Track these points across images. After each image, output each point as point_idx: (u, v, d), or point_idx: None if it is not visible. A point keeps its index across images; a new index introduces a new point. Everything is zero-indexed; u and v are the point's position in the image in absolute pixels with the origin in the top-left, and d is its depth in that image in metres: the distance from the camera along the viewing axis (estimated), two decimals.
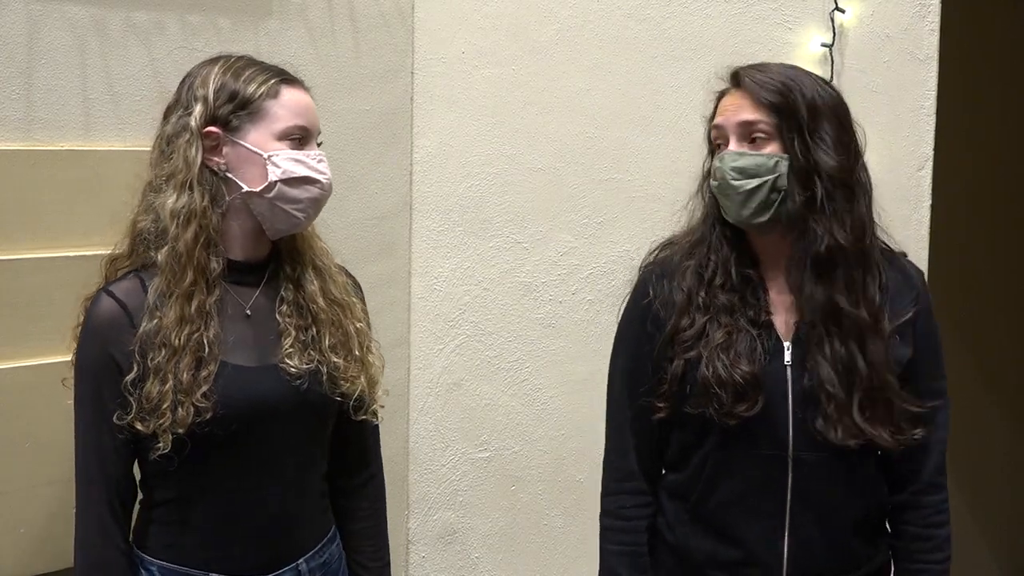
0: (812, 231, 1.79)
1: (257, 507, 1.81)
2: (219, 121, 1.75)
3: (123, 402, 1.70)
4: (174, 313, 1.71)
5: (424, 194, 2.74)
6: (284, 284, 1.86)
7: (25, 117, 2.09)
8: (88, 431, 1.75)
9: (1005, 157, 4.17)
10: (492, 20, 2.70)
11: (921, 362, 1.85)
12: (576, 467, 2.82)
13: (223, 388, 1.73)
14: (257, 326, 1.82)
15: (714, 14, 2.70)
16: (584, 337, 2.78)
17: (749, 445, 1.83)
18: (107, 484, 1.75)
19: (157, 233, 1.75)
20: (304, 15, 2.48)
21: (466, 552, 2.84)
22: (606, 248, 2.76)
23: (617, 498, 2.00)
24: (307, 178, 1.78)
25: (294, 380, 1.80)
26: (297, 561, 1.85)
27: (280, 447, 1.82)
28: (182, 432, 1.69)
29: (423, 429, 2.79)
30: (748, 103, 1.81)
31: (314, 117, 1.82)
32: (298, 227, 1.83)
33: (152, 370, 1.69)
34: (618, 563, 1.97)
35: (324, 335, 1.86)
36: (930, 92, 2.69)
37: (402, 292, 2.75)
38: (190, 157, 1.74)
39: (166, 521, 1.79)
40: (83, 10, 2.15)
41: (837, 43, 2.66)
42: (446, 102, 2.72)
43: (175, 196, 1.73)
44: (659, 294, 1.91)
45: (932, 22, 2.69)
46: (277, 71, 1.81)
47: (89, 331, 1.74)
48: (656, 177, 2.74)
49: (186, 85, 1.80)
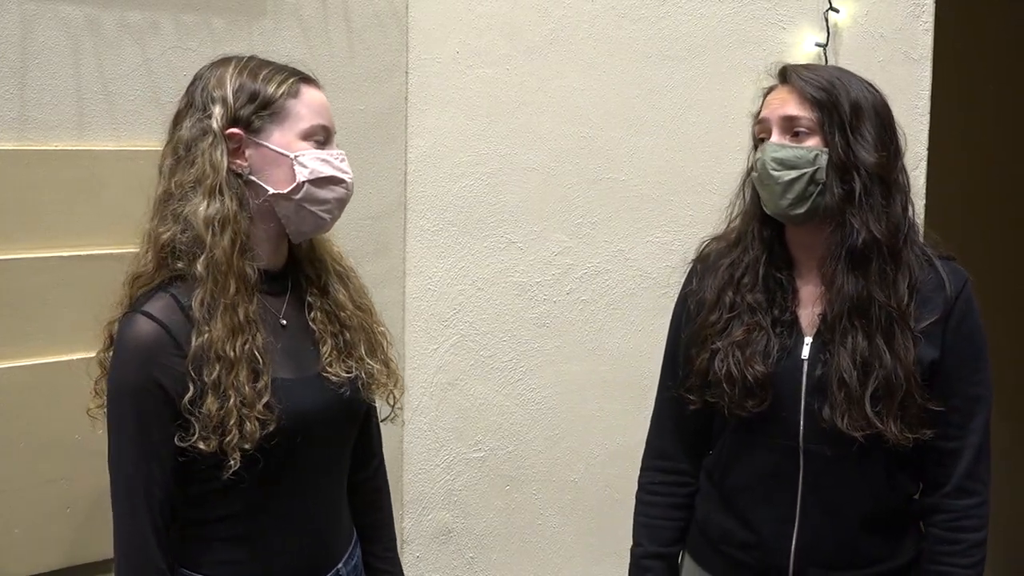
0: (849, 224, 1.82)
1: (303, 517, 1.79)
2: (241, 122, 1.70)
3: (183, 423, 1.63)
4: (223, 324, 1.64)
5: (418, 194, 2.74)
6: (309, 290, 1.84)
7: (19, 117, 2.09)
8: (131, 458, 1.66)
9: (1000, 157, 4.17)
10: (486, 20, 2.70)
11: (951, 366, 1.85)
12: (570, 467, 2.82)
13: (280, 400, 1.68)
14: (293, 336, 1.79)
15: (708, 14, 2.70)
16: (578, 337, 2.79)
17: (763, 435, 1.89)
18: (151, 511, 1.66)
19: (189, 243, 1.67)
20: (298, 15, 2.48)
21: (461, 552, 2.84)
22: (600, 248, 2.76)
23: (649, 474, 2.10)
24: (333, 178, 1.74)
25: (338, 389, 1.79)
26: (337, 566, 1.85)
27: (324, 456, 1.81)
28: (249, 448, 1.63)
29: (417, 429, 2.79)
30: (794, 99, 1.85)
31: (331, 116, 1.79)
32: (323, 228, 1.79)
33: (211, 386, 1.63)
34: (641, 534, 2.08)
35: (359, 342, 1.85)
36: (924, 92, 2.69)
37: (396, 292, 2.75)
38: (216, 160, 1.68)
39: (215, 538, 1.74)
40: (77, 9, 2.15)
41: (831, 43, 2.66)
42: (440, 102, 2.72)
43: (206, 203, 1.66)
44: (697, 289, 1.98)
45: (926, 22, 2.69)
46: (292, 70, 1.77)
47: (129, 356, 1.65)
48: (650, 177, 2.74)
49: (198, 87, 1.74)
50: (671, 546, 2.06)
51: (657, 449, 2.08)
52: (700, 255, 2.04)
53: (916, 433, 1.80)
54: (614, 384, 2.80)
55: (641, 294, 2.77)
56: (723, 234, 2.02)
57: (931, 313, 1.84)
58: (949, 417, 1.84)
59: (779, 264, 1.92)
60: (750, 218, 1.95)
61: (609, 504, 2.83)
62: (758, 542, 1.92)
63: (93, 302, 1.79)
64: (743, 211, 1.97)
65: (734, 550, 1.95)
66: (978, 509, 1.88)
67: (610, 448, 2.81)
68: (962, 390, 1.86)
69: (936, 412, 1.82)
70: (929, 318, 1.84)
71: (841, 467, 1.85)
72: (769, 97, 1.91)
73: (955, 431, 1.85)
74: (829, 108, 1.82)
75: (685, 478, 2.06)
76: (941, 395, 1.84)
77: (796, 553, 1.89)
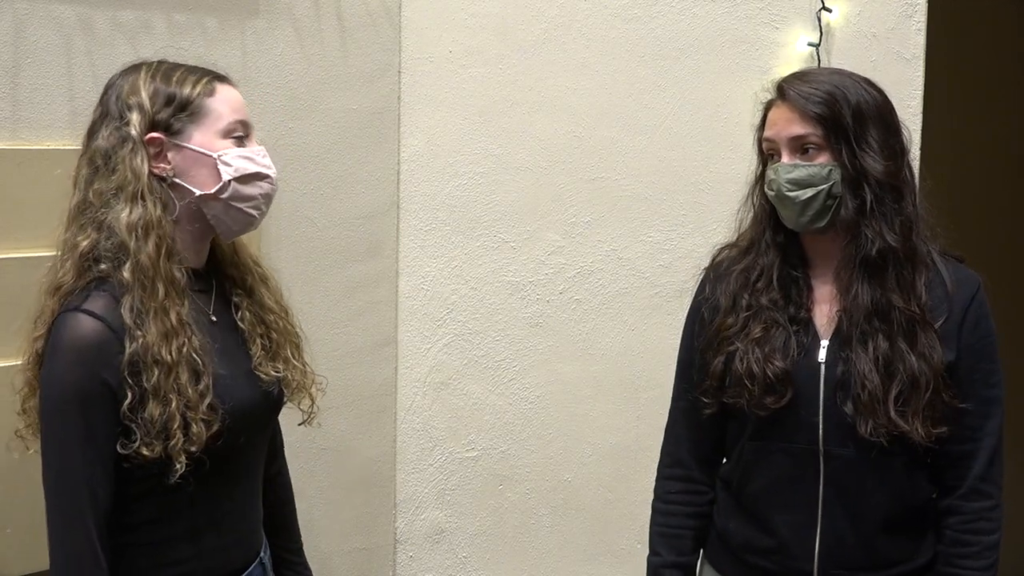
0: (863, 235, 1.83)
1: (236, 513, 1.81)
2: (160, 126, 1.70)
3: (124, 430, 1.62)
4: (156, 329, 1.62)
5: (411, 193, 2.74)
6: (233, 290, 1.85)
7: (11, 116, 2.09)
8: (78, 467, 1.61)
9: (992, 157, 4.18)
10: (479, 19, 2.70)
11: (967, 368, 1.86)
12: (563, 466, 2.82)
13: (222, 399, 1.69)
14: (223, 333, 1.79)
15: (701, 14, 2.70)
16: (571, 336, 2.79)
17: (782, 438, 1.89)
18: (97, 518, 1.62)
19: (112, 250, 1.66)
20: (291, 14, 2.48)
21: (454, 551, 2.84)
22: (593, 247, 2.77)
23: (664, 483, 2.09)
24: (258, 174, 1.75)
25: (268, 387, 1.82)
26: (260, 555, 1.89)
27: (254, 453, 1.84)
28: (195, 450, 1.63)
29: (410, 428, 2.79)
30: (796, 116, 1.85)
31: (248, 112, 1.78)
32: (252, 225, 1.80)
33: (151, 392, 1.61)
34: (658, 543, 2.07)
35: (284, 343, 1.88)
36: (916, 91, 2.70)
37: (389, 291, 2.75)
38: (137, 167, 1.67)
39: (149, 542, 1.72)
40: (69, 9, 2.15)
41: (824, 42, 2.66)
42: (433, 101, 2.72)
43: (128, 209, 1.66)
44: (710, 296, 1.98)
45: (919, 21, 2.70)
46: (205, 70, 1.77)
47: (74, 357, 1.61)
48: (643, 177, 2.74)
49: (112, 96, 1.73)
50: (689, 555, 2.06)
51: (672, 458, 2.08)
52: (712, 263, 2.04)
53: (939, 430, 1.81)
54: (607, 384, 2.80)
55: (634, 294, 2.77)
56: (734, 241, 2.02)
57: (937, 315, 1.85)
58: (964, 420, 1.84)
59: (794, 263, 1.93)
60: (763, 225, 1.95)
61: (602, 504, 2.83)
62: (780, 547, 1.91)
63: None
64: (754, 219, 1.98)
65: (755, 557, 1.95)
66: (992, 511, 1.89)
67: (603, 448, 2.81)
68: (977, 393, 1.86)
69: (957, 410, 1.83)
70: (938, 320, 1.85)
71: (862, 469, 1.85)
72: (771, 116, 1.90)
73: (970, 433, 1.86)
74: (833, 122, 1.82)
75: (701, 487, 2.05)
76: (960, 396, 1.85)
77: (820, 557, 1.89)
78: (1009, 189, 4.25)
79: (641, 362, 2.79)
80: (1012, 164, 4.25)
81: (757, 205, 1.97)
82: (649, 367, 2.77)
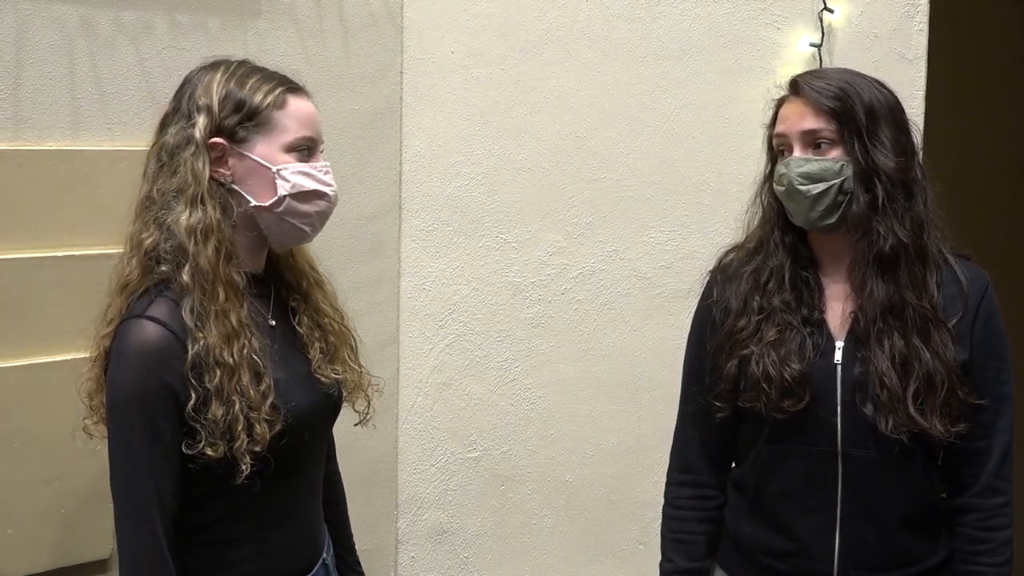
0: (875, 231, 1.83)
1: (298, 512, 1.81)
2: (225, 132, 1.69)
3: (189, 431, 1.62)
4: (217, 331, 1.63)
5: (413, 194, 2.74)
6: (291, 295, 1.85)
7: (13, 117, 2.09)
8: (143, 468, 1.62)
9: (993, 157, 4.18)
10: (481, 20, 2.70)
11: (980, 366, 1.86)
12: (565, 467, 2.82)
13: (284, 400, 1.69)
14: (281, 337, 1.79)
15: (703, 14, 2.70)
16: (573, 337, 2.79)
17: (799, 441, 1.88)
18: (163, 518, 1.64)
19: (172, 251, 1.66)
20: (293, 15, 2.48)
21: (455, 552, 2.84)
22: (595, 248, 2.77)
23: (675, 488, 2.07)
24: (316, 192, 1.74)
25: (328, 389, 1.82)
26: (323, 556, 1.88)
27: (315, 454, 1.84)
28: (260, 450, 1.63)
29: (412, 429, 2.80)
30: (809, 111, 1.85)
31: (319, 127, 1.77)
32: (304, 240, 1.80)
33: (214, 393, 1.62)
34: (670, 549, 2.06)
35: (341, 346, 1.88)
36: (918, 92, 2.70)
37: (391, 292, 2.75)
38: (198, 171, 1.66)
39: (214, 542, 1.73)
40: (71, 9, 2.15)
41: (826, 43, 2.66)
42: (435, 102, 2.72)
43: (188, 212, 1.65)
44: (720, 298, 1.97)
45: (921, 22, 2.69)
46: (281, 79, 1.76)
47: (139, 363, 1.61)
48: (645, 177, 2.74)
49: (185, 93, 1.72)
50: (702, 560, 2.05)
51: (682, 463, 2.06)
52: (719, 265, 2.03)
53: (957, 427, 1.82)
54: (609, 384, 2.80)
55: (636, 294, 2.77)
56: (742, 243, 2.02)
57: (953, 312, 1.85)
58: (978, 417, 1.85)
59: (804, 264, 1.92)
60: (771, 225, 1.95)
61: (604, 504, 2.83)
62: (798, 550, 1.91)
63: (87, 302, 1.78)
64: (763, 219, 1.98)
65: (772, 559, 1.94)
66: (1006, 507, 1.89)
67: (605, 448, 2.81)
68: (990, 390, 1.87)
69: (973, 406, 1.83)
70: (952, 319, 1.85)
71: (881, 469, 1.85)
72: (783, 111, 1.91)
73: (983, 430, 1.86)
74: (846, 117, 1.83)
75: (711, 491, 2.04)
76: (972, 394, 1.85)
77: (840, 558, 1.88)
78: (1011, 189, 4.25)
79: (643, 363, 2.78)
80: (1014, 164, 4.25)
81: (766, 204, 1.97)
82: (651, 368, 2.77)
